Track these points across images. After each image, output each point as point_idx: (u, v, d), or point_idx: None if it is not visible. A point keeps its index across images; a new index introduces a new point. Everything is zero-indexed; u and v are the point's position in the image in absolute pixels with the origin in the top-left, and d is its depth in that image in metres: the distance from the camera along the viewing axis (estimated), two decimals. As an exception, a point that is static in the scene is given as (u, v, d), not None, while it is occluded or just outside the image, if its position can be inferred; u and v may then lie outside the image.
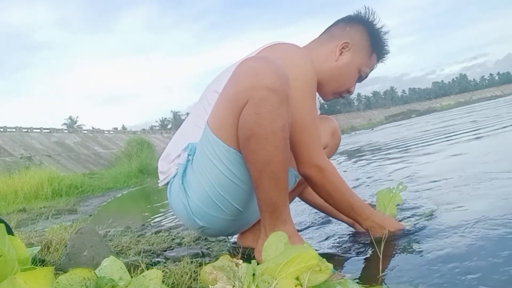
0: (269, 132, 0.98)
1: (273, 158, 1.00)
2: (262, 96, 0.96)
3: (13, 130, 16.00)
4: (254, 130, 0.98)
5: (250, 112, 0.98)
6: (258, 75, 0.98)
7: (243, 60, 1.06)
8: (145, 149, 14.50)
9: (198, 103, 1.27)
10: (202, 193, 1.12)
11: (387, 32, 1.32)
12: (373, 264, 1.04)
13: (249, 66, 1.01)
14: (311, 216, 1.81)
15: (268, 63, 1.00)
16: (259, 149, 0.99)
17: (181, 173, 1.16)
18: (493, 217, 1.20)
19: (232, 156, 1.07)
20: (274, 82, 0.97)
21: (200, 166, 1.11)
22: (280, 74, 0.98)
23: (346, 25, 1.31)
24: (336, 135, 1.46)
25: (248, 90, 0.98)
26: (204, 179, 1.11)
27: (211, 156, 1.09)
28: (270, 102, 0.96)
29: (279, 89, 0.97)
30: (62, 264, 1.13)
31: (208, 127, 1.10)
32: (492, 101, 26.58)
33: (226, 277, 0.71)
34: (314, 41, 1.34)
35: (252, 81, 0.98)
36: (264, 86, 0.96)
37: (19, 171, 8.51)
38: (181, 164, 1.17)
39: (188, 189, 1.15)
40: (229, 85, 1.06)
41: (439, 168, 2.60)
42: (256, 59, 1.04)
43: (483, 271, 0.87)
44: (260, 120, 0.97)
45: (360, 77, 1.34)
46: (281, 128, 0.99)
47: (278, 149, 1.00)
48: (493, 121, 5.80)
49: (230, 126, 1.04)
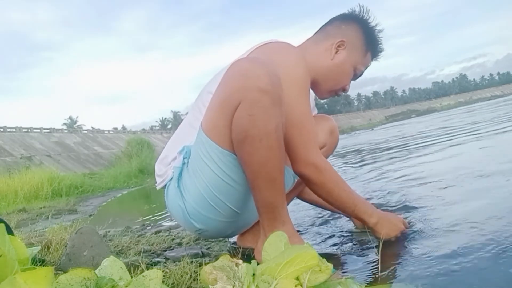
0: (263, 133, 0.97)
1: (268, 159, 1.00)
2: (254, 98, 0.96)
3: (13, 130, 15.99)
4: (247, 131, 0.98)
5: (243, 114, 0.97)
6: (250, 77, 0.97)
7: (234, 62, 1.05)
8: (145, 149, 14.51)
9: (194, 104, 1.27)
10: (198, 196, 1.12)
11: (382, 30, 1.32)
12: (373, 264, 1.04)
13: (240, 68, 1.01)
14: (311, 216, 1.82)
15: (259, 64, 1.00)
16: (254, 151, 0.99)
17: (177, 176, 1.16)
18: (494, 217, 1.20)
19: (226, 158, 1.06)
20: (265, 83, 0.96)
21: (195, 169, 1.11)
22: (271, 75, 0.98)
23: (341, 23, 1.31)
24: (334, 134, 1.46)
25: (240, 92, 0.97)
26: (200, 182, 1.11)
27: (205, 159, 1.09)
28: (262, 103, 0.96)
29: (271, 90, 0.97)
30: (62, 264, 1.13)
31: (202, 129, 1.10)
32: (492, 101, 26.58)
33: (226, 277, 0.71)
34: (309, 40, 1.34)
35: (243, 82, 0.97)
36: (256, 87, 0.96)
37: (19, 171, 8.51)
38: (176, 167, 1.17)
39: (184, 192, 1.15)
40: (221, 87, 1.06)
41: (438, 168, 2.60)
42: (247, 60, 1.04)
43: (483, 270, 0.87)
44: (253, 122, 0.97)
45: (355, 75, 1.34)
46: (274, 128, 0.98)
47: (273, 150, 0.99)
48: (493, 121, 5.80)
49: (223, 128, 1.03)
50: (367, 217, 1.19)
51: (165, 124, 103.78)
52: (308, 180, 1.17)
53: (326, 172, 1.15)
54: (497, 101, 21.00)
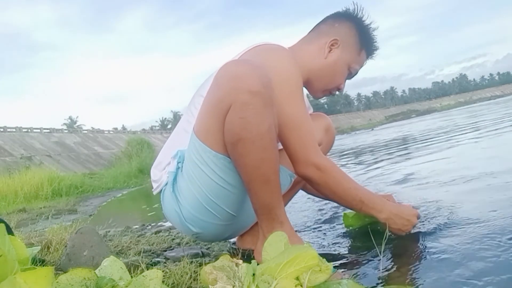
0: (255, 135, 0.97)
1: (262, 160, 0.99)
2: (245, 100, 0.95)
3: (13, 130, 15.98)
4: (240, 134, 0.97)
5: (235, 117, 0.97)
6: (239, 79, 0.96)
7: (223, 64, 1.04)
8: (145, 149, 14.50)
9: (187, 108, 1.26)
10: (193, 200, 1.12)
11: (376, 29, 1.31)
12: (373, 264, 1.04)
13: (229, 70, 1.00)
14: (311, 216, 1.81)
15: (249, 66, 0.99)
16: (247, 153, 0.98)
17: (172, 181, 1.16)
18: (494, 217, 1.20)
19: (220, 162, 1.06)
20: (256, 85, 0.95)
21: (190, 173, 1.11)
22: (261, 76, 0.97)
23: (334, 21, 1.30)
24: (330, 132, 1.45)
25: (231, 94, 0.97)
26: (194, 186, 1.10)
27: (199, 163, 1.08)
28: (253, 106, 0.95)
29: (262, 91, 0.96)
30: (62, 264, 1.12)
31: (194, 133, 1.10)
32: (492, 101, 26.56)
33: (226, 277, 0.71)
34: (302, 39, 1.33)
35: (233, 85, 0.97)
36: (246, 89, 0.95)
37: (19, 171, 8.49)
38: (171, 172, 1.16)
39: (180, 196, 1.14)
40: (211, 90, 1.05)
41: (439, 168, 2.60)
42: (236, 62, 1.03)
43: (484, 271, 0.87)
44: (245, 124, 0.96)
45: (350, 74, 1.33)
46: (267, 130, 0.98)
47: (266, 151, 0.99)
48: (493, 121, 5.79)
49: (215, 131, 1.03)
50: (376, 213, 1.16)
51: (165, 124, 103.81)
52: (311, 180, 1.15)
53: (328, 170, 1.13)
54: (497, 101, 20.98)
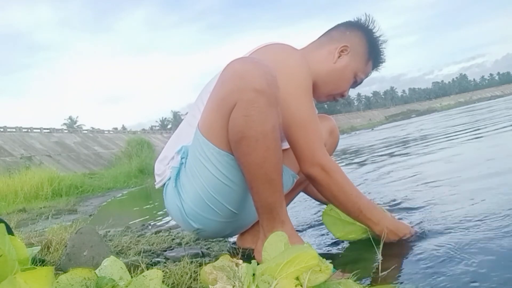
0: (259, 133, 0.97)
1: (265, 159, 0.99)
2: (249, 98, 0.96)
3: (13, 130, 15.98)
4: (244, 132, 0.97)
5: (239, 115, 0.97)
6: (245, 77, 0.97)
7: (229, 63, 1.04)
8: (145, 149, 14.48)
9: (194, 104, 1.27)
10: (196, 196, 1.12)
11: (385, 41, 1.33)
12: (373, 264, 1.04)
13: (235, 69, 1.00)
14: (311, 216, 1.81)
15: (254, 64, 0.99)
16: (251, 152, 0.99)
17: (175, 176, 1.16)
18: (494, 218, 1.20)
19: (223, 158, 1.06)
20: (261, 83, 0.96)
21: (193, 169, 1.11)
22: (267, 75, 0.97)
23: (346, 29, 1.31)
24: (334, 134, 1.46)
25: (235, 92, 0.97)
26: (197, 182, 1.11)
27: (202, 159, 1.08)
28: (258, 104, 0.96)
29: (267, 90, 0.96)
30: (62, 264, 1.12)
31: (199, 129, 1.10)
32: (492, 101, 26.57)
33: (226, 277, 0.71)
34: (313, 43, 1.34)
35: (238, 83, 0.97)
36: (251, 88, 0.95)
37: (19, 171, 8.48)
38: (174, 167, 1.17)
39: (182, 192, 1.15)
40: (217, 88, 1.06)
41: (439, 169, 2.60)
42: (242, 60, 1.03)
43: (483, 271, 0.87)
44: (250, 123, 0.96)
45: (355, 82, 1.35)
46: (271, 129, 0.98)
47: (270, 150, 0.99)
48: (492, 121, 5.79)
49: (220, 128, 1.03)
50: (372, 224, 1.17)
51: (165, 124, 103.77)
52: (314, 180, 1.16)
53: (332, 173, 1.14)
54: (497, 101, 20.99)
